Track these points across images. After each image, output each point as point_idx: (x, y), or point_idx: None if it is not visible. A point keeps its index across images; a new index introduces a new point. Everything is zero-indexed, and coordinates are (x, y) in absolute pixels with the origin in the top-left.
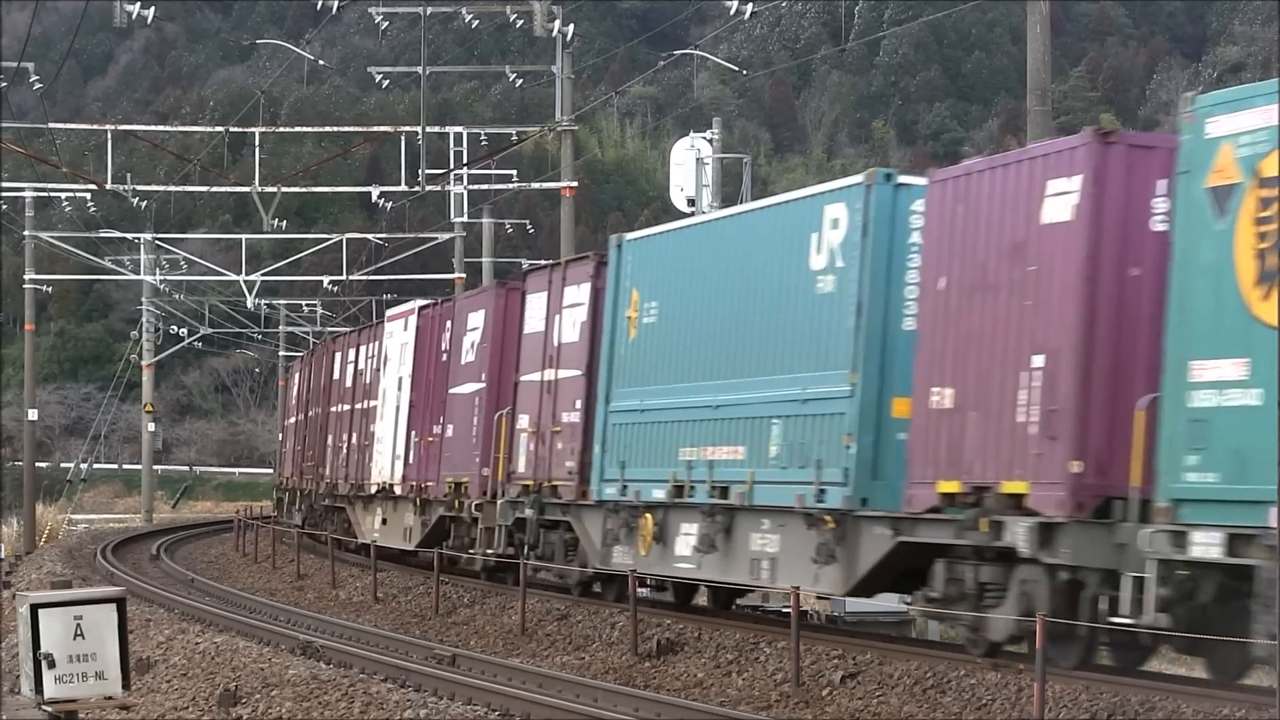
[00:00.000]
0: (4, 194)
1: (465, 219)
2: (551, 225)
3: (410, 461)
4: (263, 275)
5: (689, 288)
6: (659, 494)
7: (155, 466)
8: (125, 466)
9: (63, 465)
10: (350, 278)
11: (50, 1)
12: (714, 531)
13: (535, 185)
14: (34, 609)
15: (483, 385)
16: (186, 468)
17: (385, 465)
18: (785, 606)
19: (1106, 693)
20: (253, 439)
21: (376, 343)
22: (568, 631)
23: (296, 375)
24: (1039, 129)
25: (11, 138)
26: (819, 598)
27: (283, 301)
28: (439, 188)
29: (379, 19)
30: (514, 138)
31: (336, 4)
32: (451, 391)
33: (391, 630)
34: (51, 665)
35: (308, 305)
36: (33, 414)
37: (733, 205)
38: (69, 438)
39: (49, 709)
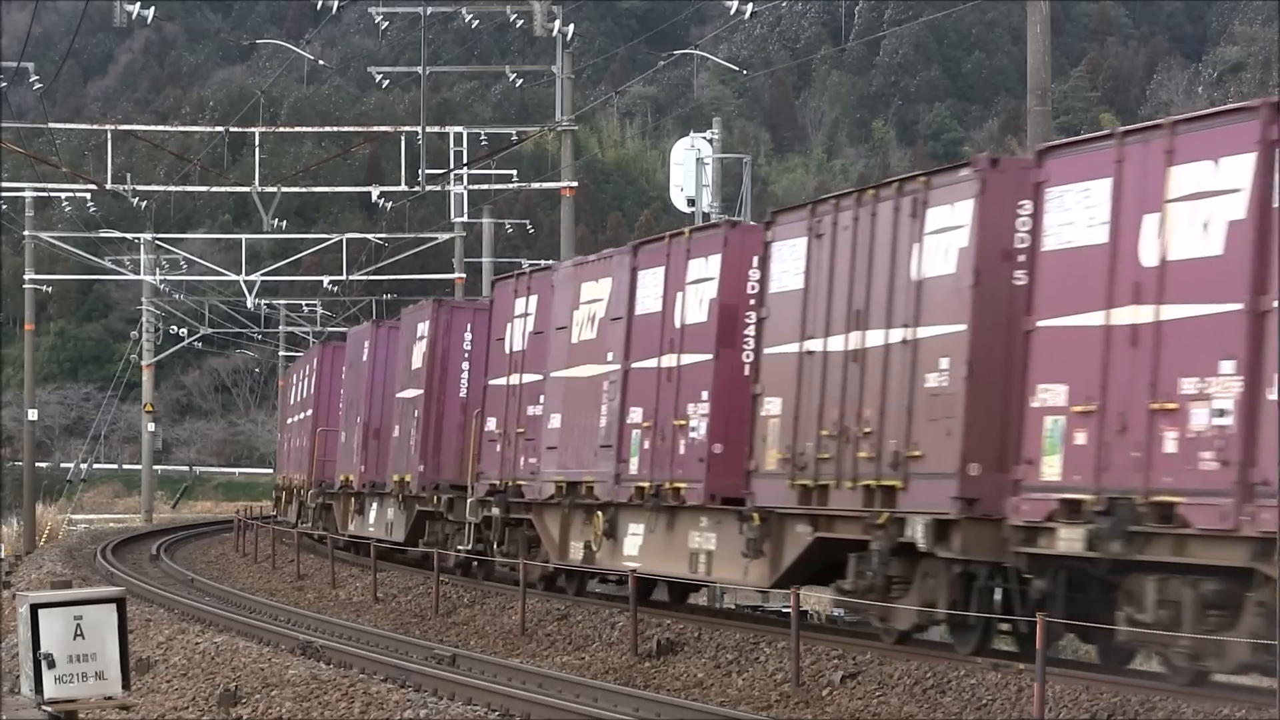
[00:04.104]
0: (4, 194)
1: (465, 219)
2: (551, 225)
3: None
4: (263, 275)
5: None
6: None
7: (155, 466)
8: (125, 466)
9: (63, 465)
10: (350, 278)
11: (50, 1)
12: None
13: (535, 185)
14: (34, 609)
15: None
16: (186, 468)
17: None
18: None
19: (1106, 693)
20: (253, 439)
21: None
22: (568, 631)
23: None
24: (1039, 129)
25: (11, 138)
26: None
27: (283, 301)
28: (439, 188)
29: (379, 19)
30: (514, 138)
31: (336, 4)
32: None
33: (391, 630)
34: (51, 665)
35: (308, 305)
36: (33, 414)
37: (733, 205)
38: (69, 438)
39: (49, 709)
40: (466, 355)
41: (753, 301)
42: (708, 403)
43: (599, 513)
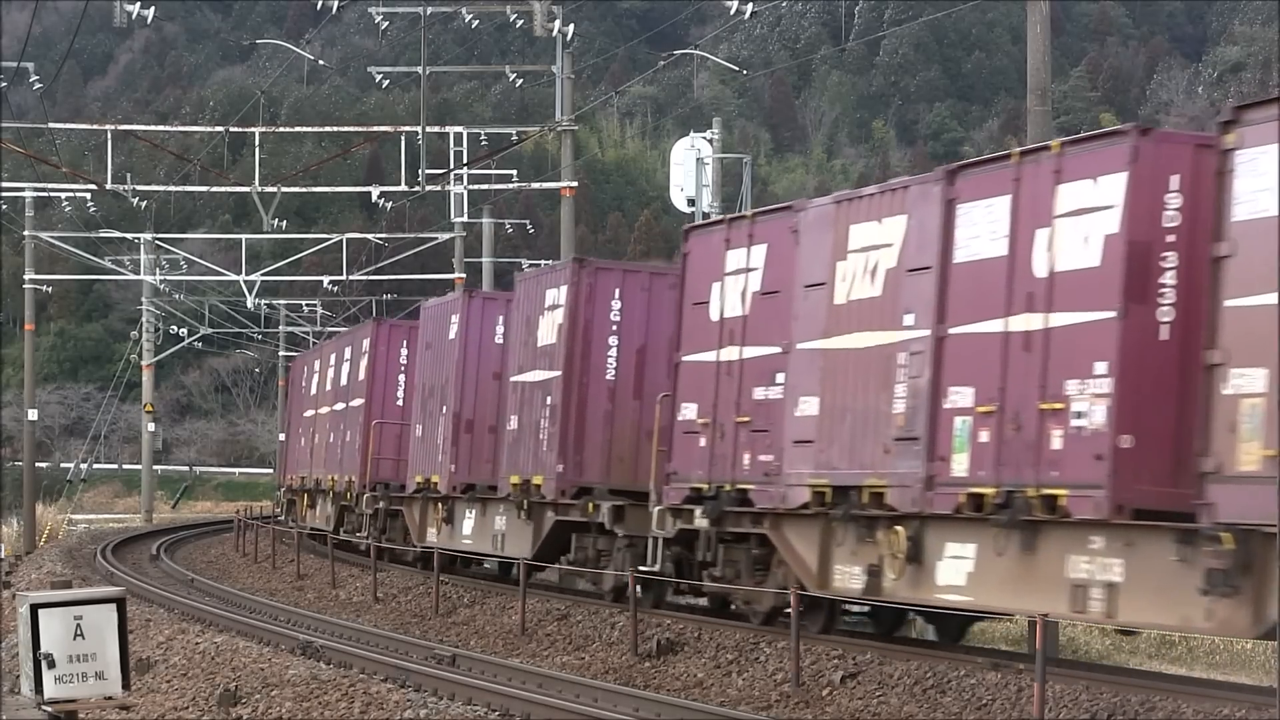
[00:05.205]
0: (4, 194)
1: (465, 219)
2: (551, 225)
3: None
4: (263, 275)
5: None
6: None
7: (155, 466)
8: (125, 466)
9: (63, 465)
10: (350, 278)
11: (50, 1)
12: None
13: (535, 185)
14: (34, 609)
15: None
16: (186, 468)
17: None
18: None
19: (1106, 693)
20: (253, 439)
21: None
22: (568, 631)
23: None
24: (1039, 129)
25: (11, 138)
26: None
27: (283, 301)
28: (439, 188)
29: (379, 19)
30: (514, 138)
31: (336, 4)
32: None
33: (391, 630)
34: (51, 665)
35: (308, 305)
36: (33, 414)
37: (733, 205)
38: (69, 438)
39: (49, 709)
40: (615, 328)
41: (1171, 239)
42: (1108, 379)
43: (897, 528)
